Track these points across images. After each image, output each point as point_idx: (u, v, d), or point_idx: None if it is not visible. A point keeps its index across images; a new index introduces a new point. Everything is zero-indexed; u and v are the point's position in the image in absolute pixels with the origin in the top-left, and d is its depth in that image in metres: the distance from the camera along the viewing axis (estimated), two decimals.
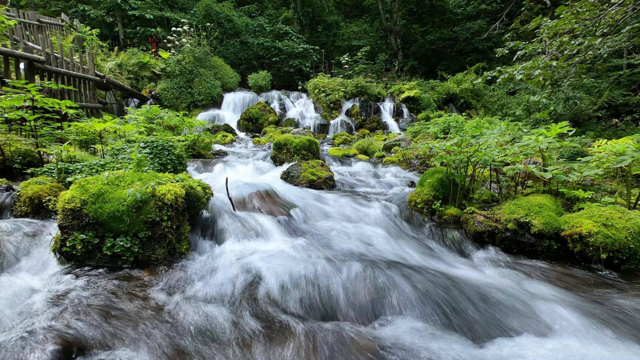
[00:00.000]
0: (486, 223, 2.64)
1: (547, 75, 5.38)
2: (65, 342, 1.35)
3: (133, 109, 6.29)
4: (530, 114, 10.63)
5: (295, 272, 2.03)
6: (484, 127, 7.23)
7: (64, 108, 3.65)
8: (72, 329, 1.43)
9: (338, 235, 2.78)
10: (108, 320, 1.54)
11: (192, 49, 12.13)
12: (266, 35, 16.41)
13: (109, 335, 1.46)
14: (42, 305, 1.63)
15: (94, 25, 13.03)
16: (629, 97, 10.03)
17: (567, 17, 5.25)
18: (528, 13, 12.66)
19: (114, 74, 10.82)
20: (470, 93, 14.17)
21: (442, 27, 17.24)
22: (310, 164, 4.59)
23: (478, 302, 1.82)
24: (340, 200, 3.58)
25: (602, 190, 3.48)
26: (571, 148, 5.59)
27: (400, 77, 15.96)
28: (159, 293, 1.82)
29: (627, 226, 2.28)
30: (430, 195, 3.20)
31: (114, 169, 3.03)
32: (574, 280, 2.16)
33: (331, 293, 1.88)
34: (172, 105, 11.76)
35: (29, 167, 3.39)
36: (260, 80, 13.73)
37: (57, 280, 1.90)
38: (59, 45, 6.74)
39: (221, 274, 2.02)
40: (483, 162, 3.04)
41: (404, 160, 6.35)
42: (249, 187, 3.48)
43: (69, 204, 2.07)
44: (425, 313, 1.73)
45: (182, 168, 3.83)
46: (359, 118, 12.50)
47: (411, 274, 2.00)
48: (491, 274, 2.28)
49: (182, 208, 2.33)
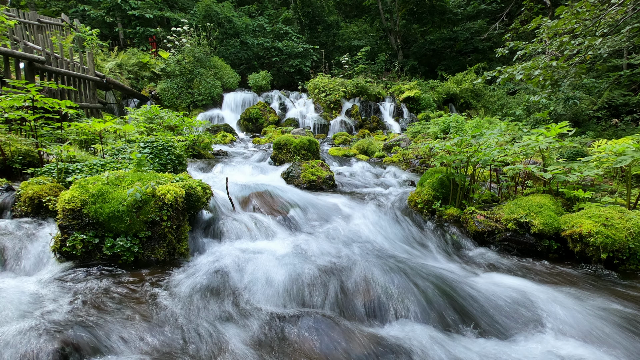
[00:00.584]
0: (486, 223, 2.64)
1: (547, 75, 5.38)
2: (64, 341, 1.35)
3: (133, 109, 6.29)
4: (530, 114, 10.62)
5: (295, 271, 2.03)
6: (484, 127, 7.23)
7: (64, 108, 3.65)
8: (71, 329, 1.43)
9: (338, 234, 2.78)
10: (107, 321, 1.54)
11: (192, 49, 12.13)
12: (266, 35, 16.40)
13: (108, 335, 1.46)
14: (41, 305, 1.63)
15: (94, 25, 13.02)
16: (629, 97, 10.03)
17: (567, 17, 5.25)
18: (528, 13, 12.67)
19: (114, 74, 10.82)
20: (470, 93, 14.17)
21: (442, 27, 17.23)
22: (310, 164, 4.59)
23: (478, 301, 1.82)
24: (340, 200, 3.58)
25: (602, 190, 3.48)
26: (571, 148, 5.59)
27: (400, 77, 15.95)
28: (159, 293, 1.82)
29: (627, 226, 2.28)
30: (430, 195, 3.20)
31: (114, 169, 3.03)
32: (574, 281, 2.15)
33: (331, 292, 1.88)
34: (172, 105, 11.76)
35: (29, 167, 3.39)
36: (260, 80, 13.72)
37: (56, 280, 1.90)
38: (59, 45, 6.74)
39: (221, 273, 2.02)
40: (483, 162, 3.04)
41: (404, 160, 6.35)
42: (249, 187, 3.48)
43: (69, 204, 2.07)
44: (424, 313, 1.73)
45: (182, 168, 3.83)
46: (359, 118, 12.50)
47: (411, 274, 2.00)
48: (490, 274, 2.28)
49: (182, 208, 2.33)
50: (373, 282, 1.91)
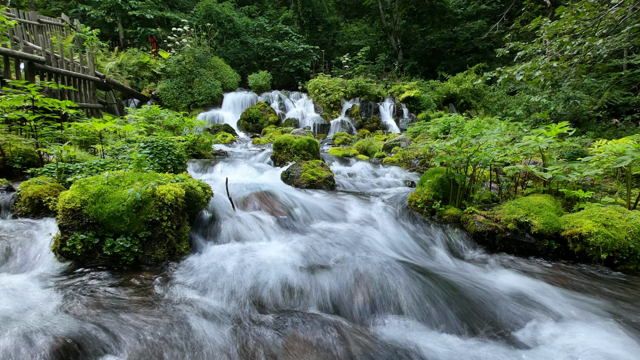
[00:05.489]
0: (486, 223, 2.64)
1: (547, 75, 5.38)
2: (63, 341, 1.35)
3: (133, 109, 6.29)
4: (531, 114, 10.63)
5: (295, 271, 2.03)
6: (484, 127, 7.23)
7: (64, 108, 3.65)
8: (70, 329, 1.43)
9: (338, 234, 2.78)
10: (107, 320, 1.54)
11: (192, 49, 12.13)
12: (266, 36, 16.40)
13: (108, 335, 1.46)
14: (41, 305, 1.63)
15: (94, 25, 13.03)
16: (629, 97, 10.03)
17: (567, 17, 5.25)
18: (528, 13, 12.67)
19: (114, 74, 10.82)
20: (470, 93, 14.17)
21: (442, 27, 17.24)
22: (310, 164, 4.59)
23: (477, 301, 1.82)
24: (340, 200, 3.58)
25: (602, 190, 3.48)
26: (571, 148, 5.59)
27: (400, 77, 15.95)
28: (159, 293, 1.82)
29: (627, 226, 2.28)
30: (430, 195, 3.20)
31: (114, 169, 3.03)
32: (574, 280, 2.15)
33: (330, 292, 1.88)
34: (172, 105, 11.76)
35: (29, 167, 3.39)
36: (261, 80, 13.73)
37: (56, 280, 1.90)
38: (59, 46, 6.74)
39: (221, 273, 2.02)
40: (483, 162, 3.04)
41: (404, 161, 6.35)
42: (249, 187, 3.48)
43: (69, 204, 2.07)
44: (424, 313, 1.73)
45: (182, 168, 3.83)
46: (359, 118, 12.50)
47: (410, 274, 2.00)
48: (490, 274, 2.28)
49: (182, 208, 2.33)
50: (372, 282, 1.91)
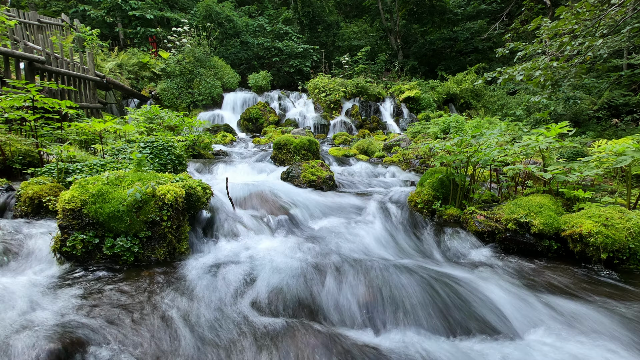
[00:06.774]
0: (486, 223, 2.64)
1: (547, 75, 5.38)
2: (63, 341, 1.35)
3: (133, 109, 6.30)
4: (531, 114, 10.62)
5: (294, 272, 2.03)
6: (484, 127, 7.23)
7: (64, 108, 3.65)
8: (70, 329, 1.43)
9: (337, 235, 2.78)
10: (107, 320, 1.54)
11: (192, 49, 12.13)
12: (266, 36, 16.40)
13: (108, 334, 1.46)
14: (41, 305, 1.63)
15: (94, 25, 13.03)
16: (629, 97, 10.02)
17: (567, 17, 5.25)
18: (528, 13, 12.67)
19: (114, 74, 10.82)
20: (470, 93, 14.16)
21: (442, 27, 17.23)
22: (310, 164, 4.59)
23: (477, 302, 1.82)
24: (340, 200, 3.57)
25: (602, 190, 3.48)
26: (571, 148, 5.59)
27: (400, 77, 15.95)
28: (158, 293, 1.82)
29: (627, 226, 2.28)
30: (430, 195, 3.20)
31: (114, 169, 3.03)
32: (574, 280, 2.15)
33: (330, 292, 1.88)
34: (172, 105, 11.76)
35: (29, 167, 3.39)
36: (261, 80, 13.73)
37: (56, 280, 1.90)
38: (59, 46, 6.74)
39: (221, 273, 2.02)
40: (483, 162, 3.04)
41: (404, 161, 6.35)
42: (249, 187, 3.48)
43: (69, 204, 2.07)
44: (424, 313, 1.73)
45: (182, 168, 3.83)
46: (359, 118, 12.50)
47: (410, 274, 2.00)
48: (490, 274, 2.28)
49: (182, 208, 2.33)
50: (371, 283, 1.91)
